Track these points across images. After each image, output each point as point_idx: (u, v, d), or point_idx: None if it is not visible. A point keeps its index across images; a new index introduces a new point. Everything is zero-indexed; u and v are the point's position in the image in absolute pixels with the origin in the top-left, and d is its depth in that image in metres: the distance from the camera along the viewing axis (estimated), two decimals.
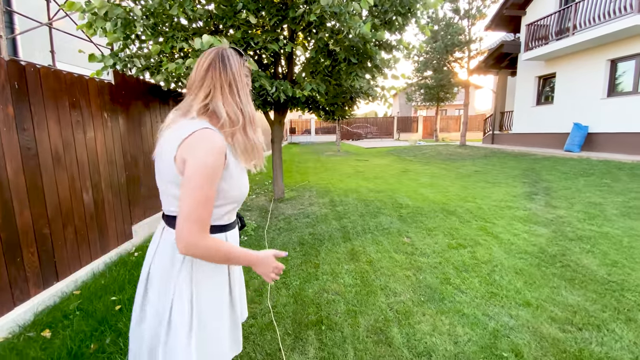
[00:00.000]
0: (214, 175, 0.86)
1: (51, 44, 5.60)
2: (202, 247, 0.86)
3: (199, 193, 0.84)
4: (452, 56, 14.22)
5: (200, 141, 0.86)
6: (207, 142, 0.86)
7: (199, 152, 0.84)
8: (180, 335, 0.92)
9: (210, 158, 0.85)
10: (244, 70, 1.00)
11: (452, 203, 4.76)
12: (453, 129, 24.70)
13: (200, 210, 0.84)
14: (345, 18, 3.63)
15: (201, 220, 0.85)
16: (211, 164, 0.85)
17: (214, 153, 0.85)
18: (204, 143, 0.85)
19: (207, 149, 0.85)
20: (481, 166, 8.20)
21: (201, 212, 0.85)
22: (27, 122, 2.24)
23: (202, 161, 0.84)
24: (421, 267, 2.73)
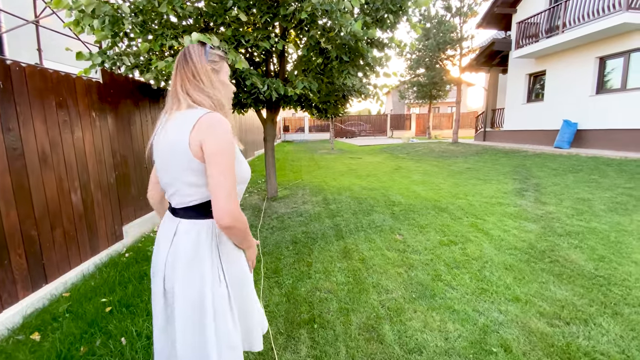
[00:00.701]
0: (235, 153, 0.97)
1: (38, 42, 5.49)
2: (243, 219, 0.98)
3: (230, 170, 0.94)
4: (445, 54, 14.31)
5: (215, 123, 0.94)
6: (222, 124, 0.95)
7: (219, 133, 0.94)
8: (225, 313, 1.02)
9: (229, 136, 0.95)
10: (208, 57, 1.05)
11: (444, 200, 4.80)
12: (445, 126, 24.88)
13: (234, 185, 0.95)
14: (337, 16, 3.63)
15: (235, 193, 0.95)
16: (231, 141, 0.95)
17: (229, 132, 0.96)
18: (219, 125, 0.94)
19: (223, 129, 0.94)
20: (473, 163, 8.28)
21: (235, 187, 0.95)
22: (12, 122, 2.19)
23: (225, 140, 0.94)
24: (413, 264, 2.75)
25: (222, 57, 1.09)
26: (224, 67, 1.10)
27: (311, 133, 25.39)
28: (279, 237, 3.60)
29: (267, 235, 3.67)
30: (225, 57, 1.08)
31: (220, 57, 1.09)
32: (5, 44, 4.51)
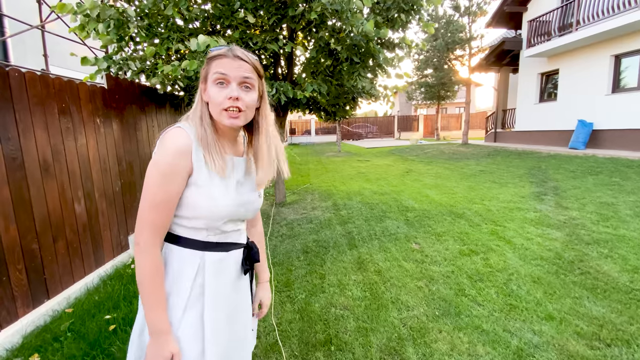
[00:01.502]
0: (168, 178, 0.79)
1: (44, 48, 5.46)
2: (144, 256, 0.79)
3: (147, 194, 0.79)
4: (453, 54, 14.08)
5: (161, 141, 0.82)
6: (165, 141, 0.81)
7: (156, 152, 0.81)
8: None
9: (163, 158, 0.79)
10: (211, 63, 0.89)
11: (460, 205, 4.61)
12: (454, 127, 24.55)
13: (150, 213, 0.79)
14: (347, 16, 3.49)
15: (151, 225, 0.80)
16: (163, 164, 0.79)
17: (168, 153, 0.79)
18: (162, 142, 0.82)
19: (163, 148, 0.80)
20: (486, 165, 8.05)
21: (150, 215, 0.79)
22: (11, 130, 2.09)
23: (154, 161, 0.80)
24: (433, 277, 2.59)
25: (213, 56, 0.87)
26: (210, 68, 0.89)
27: (317, 135, 25.29)
28: (289, 245, 3.46)
29: (277, 244, 3.53)
30: (219, 54, 0.85)
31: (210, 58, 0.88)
32: (10, 50, 4.47)
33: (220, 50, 0.86)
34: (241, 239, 0.98)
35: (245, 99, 0.85)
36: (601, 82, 9.09)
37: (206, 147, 0.83)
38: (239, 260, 0.96)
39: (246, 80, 0.85)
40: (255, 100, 0.89)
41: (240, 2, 3.51)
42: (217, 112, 0.85)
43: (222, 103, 0.83)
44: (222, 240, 0.91)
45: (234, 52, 0.85)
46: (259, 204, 1.00)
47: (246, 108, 0.85)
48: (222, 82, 0.83)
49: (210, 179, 0.83)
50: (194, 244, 0.87)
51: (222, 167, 0.85)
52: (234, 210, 0.89)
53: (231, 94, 0.83)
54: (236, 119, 0.84)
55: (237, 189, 0.90)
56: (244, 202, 0.92)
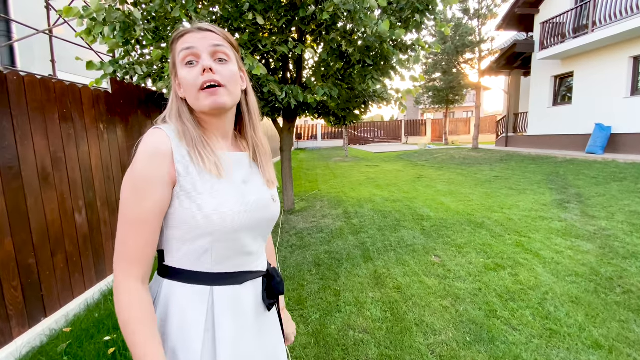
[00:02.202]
0: (142, 191, 0.61)
1: (51, 53, 5.41)
2: (120, 295, 0.60)
3: (121, 214, 0.62)
4: (463, 57, 13.86)
5: (138, 146, 0.64)
6: (141, 145, 0.63)
7: (134, 157, 0.64)
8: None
9: (138, 164, 0.62)
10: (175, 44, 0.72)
11: (478, 214, 4.38)
12: (462, 131, 24.22)
13: (125, 237, 0.61)
14: (360, 16, 3.34)
15: (126, 254, 0.61)
16: (139, 171, 0.62)
17: (140, 159, 0.62)
18: (139, 147, 0.64)
19: (138, 152, 0.63)
20: (500, 171, 7.79)
21: (125, 241, 0.61)
22: (8, 137, 1.96)
23: (129, 169, 0.63)
24: (459, 295, 2.38)
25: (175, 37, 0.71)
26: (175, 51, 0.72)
27: (324, 140, 25.16)
28: (299, 257, 3.28)
29: (287, 255, 3.35)
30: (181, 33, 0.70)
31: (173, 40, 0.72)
32: (17, 55, 4.41)
33: (181, 29, 0.71)
34: (259, 265, 0.76)
35: (222, 71, 0.69)
36: (619, 84, 8.78)
37: (190, 143, 0.66)
38: (258, 293, 0.75)
39: (218, 49, 0.69)
40: (236, 74, 0.72)
41: (249, 4, 3.38)
42: (194, 97, 0.68)
43: (195, 82, 0.67)
44: (235, 270, 0.70)
45: (197, 25, 0.71)
46: (277, 209, 0.79)
47: (227, 83, 0.69)
48: (192, 60, 0.68)
49: (204, 181, 0.65)
50: (197, 277, 0.67)
51: (217, 163, 0.67)
52: (247, 219, 0.68)
53: (204, 65, 0.67)
54: (217, 97, 0.67)
55: (246, 189, 0.72)
56: (259, 205, 0.72)
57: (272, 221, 0.78)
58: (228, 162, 0.71)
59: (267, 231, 0.78)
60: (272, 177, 0.81)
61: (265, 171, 0.80)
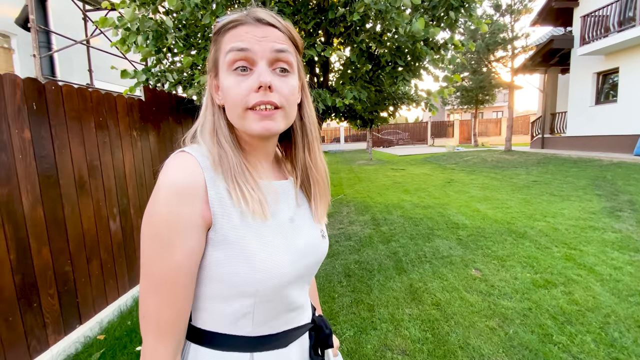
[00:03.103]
0: (170, 238, 0.46)
1: (89, 63, 5.66)
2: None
3: (143, 271, 0.48)
4: (494, 55, 13.27)
5: (159, 176, 0.49)
6: (163, 177, 0.48)
7: (153, 196, 0.48)
8: None
9: (161, 205, 0.46)
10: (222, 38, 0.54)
11: (518, 222, 4.09)
12: (493, 132, 23.24)
13: (150, 301, 0.48)
14: (392, 16, 3.20)
15: (155, 324, 0.48)
16: (163, 215, 0.46)
17: (163, 199, 0.46)
18: (160, 179, 0.48)
19: (160, 188, 0.47)
20: (538, 175, 7.32)
21: (151, 305, 0.47)
22: (46, 147, 2.00)
23: (149, 210, 0.48)
24: (507, 315, 2.17)
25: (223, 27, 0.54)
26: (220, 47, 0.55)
27: (347, 143, 24.99)
28: (328, 266, 3.16)
29: None
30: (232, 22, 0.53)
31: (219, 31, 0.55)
32: (57, 66, 4.62)
33: (233, 15, 0.53)
34: (305, 317, 0.63)
35: (282, 88, 0.52)
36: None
37: (229, 175, 0.51)
38: (304, 349, 0.62)
39: (281, 56, 0.52)
40: (297, 90, 0.57)
41: (278, 7, 3.34)
42: (239, 116, 0.52)
43: (245, 99, 0.51)
44: (280, 330, 0.57)
45: (255, 14, 0.53)
46: (326, 246, 0.66)
47: (286, 104, 0.53)
48: (244, 65, 0.51)
49: (246, 226, 0.51)
50: (234, 343, 0.54)
51: (261, 200, 0.52)
52: (297, 270, 0.55)
53: (261, 81, 0.50)
54: (271, 122, 0.52)
55: (294, 230, 0.58)
56: (309, 250, 0.59)
57: (321, 262, 0.65)
58: (273, 194, 0.57)
59: (314, 274, 0.65)
60: (324, 212, 0.66)
61: (318, 205, 0.64)
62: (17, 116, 1.82)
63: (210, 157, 0.52)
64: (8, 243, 1.73)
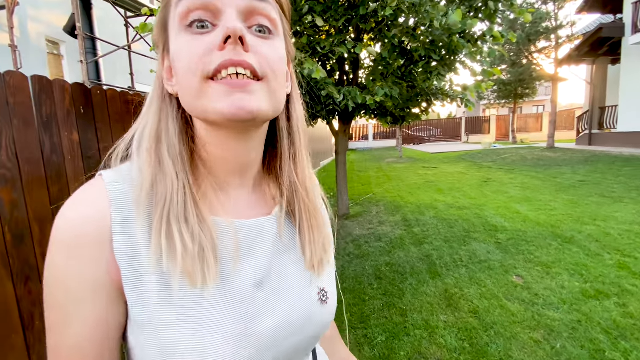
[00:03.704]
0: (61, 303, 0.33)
1: (130, 67, 5.98)
2: None
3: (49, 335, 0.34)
4: (535, 46, 12.44)
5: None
6: (57, 220, 0.34)
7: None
8: None
9: (47, 260, 0.34)
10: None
11: (564, 226, 3.80)
12: (533, 128, 21.86)
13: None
14: (427, 9, 3.07)
15: None
16: (48, 272, 0.34)
17: (59, 248, 0.33)
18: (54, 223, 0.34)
19: (52, 236, 0.33)
20: (585, 174, 6.78)
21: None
22: (93, 148, 2.12)
23: (45, 266, 0.34)
24: (553, 327, 2.01)
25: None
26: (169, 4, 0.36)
27: (375, 140, 24.63)
28: (358, 268, 3.11)
29: (345, 265, 3.21)
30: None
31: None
32: (102, 71, 4.93)
33: None
34: None
35: (261, 49, 0.35)
36: None
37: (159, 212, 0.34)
38: None
39: (259, 6, 0.36)
40: (283, 59, 0.38)
41: (308, 6, 3.32)
42: (195, 92, 0.34)
43: (203, 61, 0.33)
44: None
45: None
46: (326, 316, 0.44)
47: (269, 72, 0.36)
48: (203, 19, 0.34)
49: (171, 298, 0.33)
50: None
51: (205, 254, 0.34)
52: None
53: (228, 27, 0.33)
54: (248, 95, 0.34)
55: (260, 304, 0.38)
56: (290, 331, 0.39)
57: (317, 336, 0.44)
58: (237, 241, 0.38)
59: (310, 347, 0.44)
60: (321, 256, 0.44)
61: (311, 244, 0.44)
62: (66, 119, 1.94)
63: (132, 183, 0.36)
64: None
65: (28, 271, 1.76)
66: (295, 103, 0.46)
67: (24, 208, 1.74)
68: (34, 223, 1.78)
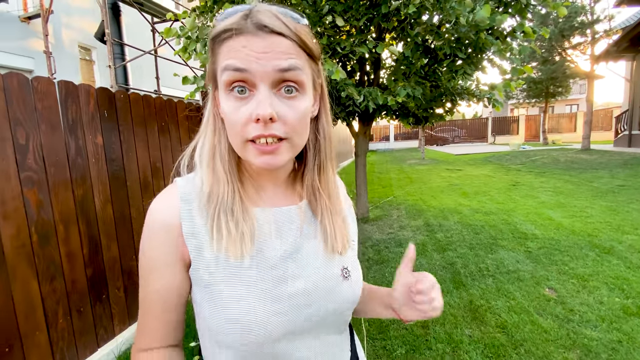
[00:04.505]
0: (145, 272, 0.49)
1: (156, 71, 6.17)
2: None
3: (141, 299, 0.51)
4: (569, 42, 11.77)
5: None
6: (148, 212, 0.50)
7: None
8: None
9: (142, 238, 0.50)
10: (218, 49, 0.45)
11: (602, 235, 3.52)
12: (566, 129, 20.71)
13: (139, 317, 0.52)
14: (452, 5, 2.94)
15: (138, 333, 0.52)
16: (142, 248, 0.49)
17: (145, 231, 0.49)
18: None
19: (145, 222, 0.50)
20: (625, 178, 6.30)
21: (139, 320, 0.52)
22: (116, 151, 2.16)
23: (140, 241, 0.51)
24: (591, 347, 1.85)
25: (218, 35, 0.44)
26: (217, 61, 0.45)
27: (397, 141, 24.22)
28: (377, 274, 3.03)
29: (363, 271, 3.13)
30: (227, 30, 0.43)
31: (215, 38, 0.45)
32: (129, 75, 5.10)
33: (228, 20, 0.43)
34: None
35: (287, 115, 0.44)
36: None
37: (214, 208, 0.47)
38: None
39: (287, 76, 0.43)
40: (307, 112, 0.47)
41: (329, 6, 3.27)
42: (238, 146, 0.46)
43: (244, 129, 0.44)
44: None
45: (255, 18, 0.42)
46: (351, 290, 0.53)
47: (292, 134, 0.45)
48: (242, 87, 0.43)
49: (220, 268, 0.46)
50: None
51: (244, 237, 0.46)
52: (286, 323, 0.46)
53: (259, 114, 0.42)
54: (273, 157, 0.45)
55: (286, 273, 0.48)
56: (311, 297, 0.49)
57: (345, 309, 0.53)
58: (270, 224, 0.50)
59: (340, 322, 0.54)
60: (343, 243, 0.54)
61: (333, 232, 0.53)
62: (90, 123, 1.99)
63: (196, 186, 0.50)
64: (82, 239, 1.91)
65: (53, 270, 1.81)
66: (323, 121, 0.54)
67: (49, 209, 1.79)
68: (59, 224, 1.84)
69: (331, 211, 0.54)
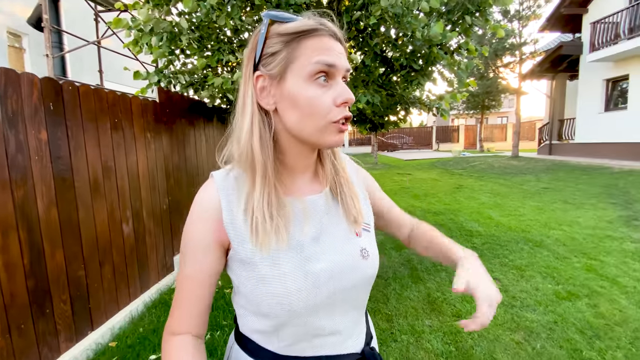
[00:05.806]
0: (187, 251, 0.55)
1: (99, 64, 5.65)
2: (162, 347, 0.57)
3: (179, 276, 0.57)
4: (501, 61, 13.22)
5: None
6: (195, 199, 0.57)
7: None
8: None
9: (187, 222, 0.56)
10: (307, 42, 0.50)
11: (533, 230, 4.01)
12: (498, 138, 23.12)
13: (177, 286, 0.58)
14: (409, 19, 3.16)
15: (173, 309, 0.57)
16: (185, 230, 0.56)
17: (190, 216, 0.56)
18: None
19: (191, 207, 0.57)
20: (548, 182, 7.23)
21: (177, 289, 0.58)
22: (62, 148, 1.95)
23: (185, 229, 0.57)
24: (532, 329, 2.09)
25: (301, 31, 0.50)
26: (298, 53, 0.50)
27: (351, 147, 24.94)
28: None
29: None
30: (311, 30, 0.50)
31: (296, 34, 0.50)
32: (68, 66, 4.61)
33: (308, 21, 0.50)
34: (350, 345, 0.59)
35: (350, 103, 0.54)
36: None
37: (250, 205, 0.52)
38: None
39: (347, 75, 0.55)
40: None
41: (293, 10, 3.30)
42: (319, 127, 0.51)
43: (331, 112, 0.51)
44: (312, 354, 0.56)
45: (328, 26, 0.52)
46: (371, 266, 0.59)
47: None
48: (325, 77, 0.51)
49: (259, 252, 0.53)
50: (265, 355, 0.57)
51: (279, 229, 0.52)
52: (316, 297, 0.52)
53: (349, 97, 0.51)
54: (343, 135, 0.54)
55: (314, 253, 0.54)
56: (336, 274, 0.54)
57: (364, 285, 0.59)
58: (300, 212, 0.56)
59: (360, 299, 0.61)
60: (358, 212, 0.61)
61: (350, 205, 0.60)
62: (33, 117, 1.78)
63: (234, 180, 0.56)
64: (22, 247, 1.69)
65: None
66: None
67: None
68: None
69: (348, 185, 0.62)
